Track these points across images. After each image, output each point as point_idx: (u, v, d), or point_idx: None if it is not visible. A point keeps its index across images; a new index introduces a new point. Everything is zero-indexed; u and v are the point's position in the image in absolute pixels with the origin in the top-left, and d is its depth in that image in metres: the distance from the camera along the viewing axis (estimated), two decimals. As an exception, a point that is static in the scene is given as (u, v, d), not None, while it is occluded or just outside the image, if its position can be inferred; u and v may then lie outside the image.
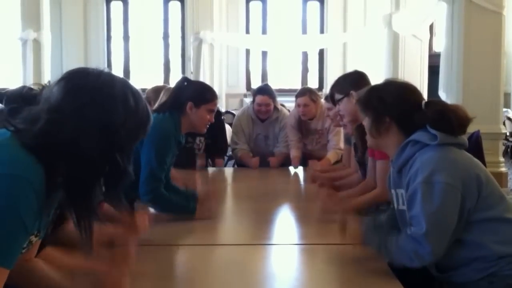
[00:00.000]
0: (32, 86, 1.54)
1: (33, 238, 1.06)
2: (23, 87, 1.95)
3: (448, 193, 1.41)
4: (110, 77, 1.06)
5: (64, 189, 1.00)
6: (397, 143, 1.56)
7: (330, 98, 2.54)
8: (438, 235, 1.40)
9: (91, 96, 1.01)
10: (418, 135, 1.51)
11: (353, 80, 2.43)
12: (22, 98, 1.08)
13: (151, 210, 2.01)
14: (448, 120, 1.49)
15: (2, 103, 1.94)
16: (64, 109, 0.99)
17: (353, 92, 2.36)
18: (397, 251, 1.45)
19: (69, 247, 1.25)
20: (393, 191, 1.63)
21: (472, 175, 1.46)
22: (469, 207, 1.44)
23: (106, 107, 1.01)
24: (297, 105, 3.59)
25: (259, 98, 3.74)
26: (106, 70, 1.08)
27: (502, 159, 5.54)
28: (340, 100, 2.43)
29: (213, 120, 2.30)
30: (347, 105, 2.39)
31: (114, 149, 1.02)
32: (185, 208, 2.09)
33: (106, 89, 1.03)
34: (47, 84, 1.54)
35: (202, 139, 3.56)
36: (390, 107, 1.57)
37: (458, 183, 1.42)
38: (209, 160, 3.65)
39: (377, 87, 1.69)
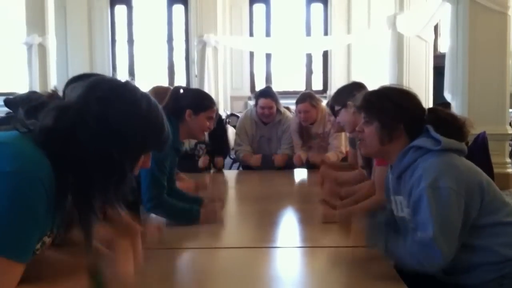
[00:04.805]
0: (41, 92, 1.56)
1: (46, 239, 1.06)
2: (33, 92, 1.96)
3: (453, 198, 1.40)
4: (126, 83, 1.09)
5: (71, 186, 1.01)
6: (401, 150, 1.53)
7: (331, 110, 2.59)
8: (446, 238, 1.38)
9: (99, 92, 1.03)
10: (420, 141, 1.50)
11: (351, 91, 2.45)
12: (30, 103, 1.10)
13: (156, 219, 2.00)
14: (450, 126, 1.50)
15: (9, 108, 1.95)
16: (70, 104, 1.02)
17: (350, 103, 2.39)
18: (406, 255, 1.43)
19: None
20: (392, 197, 1.61)
21: (474, 182, 1.46)
22: (473, 214, 1.44)
23: (109, 101, 1.03)
24: (298, 112, 3.60)
25: (262, 101, 3.74)
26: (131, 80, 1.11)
27: (508, 160, 5.50)
28: (338, 111, 2.46)
29: (212, 127, 2.30)
30: (344, 116, 2.44)
31: (113, 146, 1.02)
32: (189, 212, 2.07)
33: (118, 88, 1.06)
34: (54, 90, 1.56)
35: (203, 146, 3.57)
36: (405, 112, 1.54)
37: (462, 190, 1.42)
38: (211, 163, 3.65)
39: (387, 92, 1.63)
